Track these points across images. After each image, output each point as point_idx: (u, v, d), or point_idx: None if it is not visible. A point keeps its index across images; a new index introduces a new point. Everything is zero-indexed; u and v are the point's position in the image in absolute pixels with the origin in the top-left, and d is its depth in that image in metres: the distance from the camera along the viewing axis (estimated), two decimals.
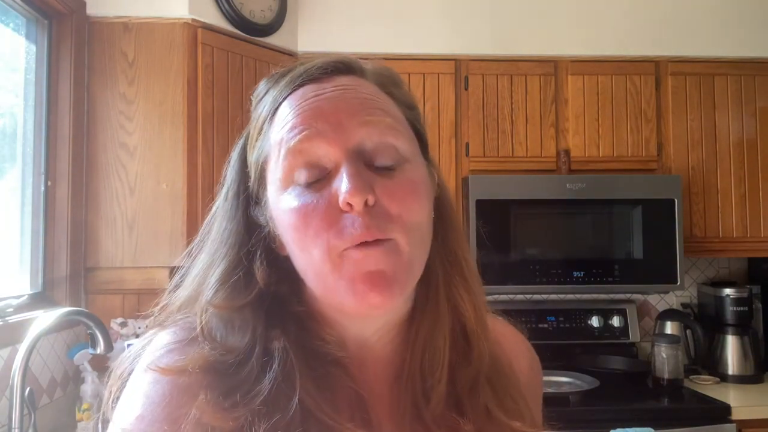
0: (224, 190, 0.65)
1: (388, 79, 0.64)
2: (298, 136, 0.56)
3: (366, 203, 0.53)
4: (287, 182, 0.57)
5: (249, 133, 0.64)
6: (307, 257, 0.56)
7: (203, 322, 0.59)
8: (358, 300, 0.54)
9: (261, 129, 0.61)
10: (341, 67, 0.61)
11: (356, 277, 0.54)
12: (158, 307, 0.64)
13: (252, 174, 0.62)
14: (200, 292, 0.61)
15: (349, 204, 0.53)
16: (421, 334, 0.62)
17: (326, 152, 0.56)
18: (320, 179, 0.56)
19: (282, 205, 0.57)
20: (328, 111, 0.57)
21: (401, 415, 0.60)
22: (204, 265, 0.62)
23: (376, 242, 0.54)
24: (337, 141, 0.56)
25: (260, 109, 0.62)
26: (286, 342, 0.57)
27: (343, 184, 0.54)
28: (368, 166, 0.57)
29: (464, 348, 0.63)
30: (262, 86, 0.64)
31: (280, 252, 0.61)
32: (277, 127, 0.59)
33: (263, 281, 0.59)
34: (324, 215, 0.54)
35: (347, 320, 0.61)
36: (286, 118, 0.58)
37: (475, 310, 0.63)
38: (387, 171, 0.57)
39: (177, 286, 0.64)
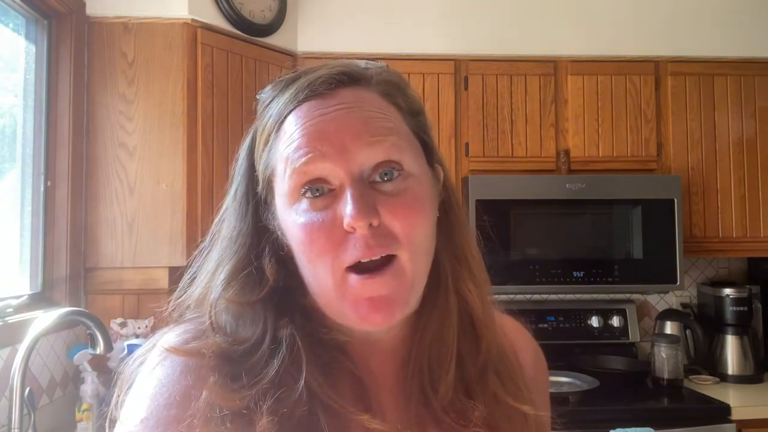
0: (233, 189, 0.66)
1: (394, 86, 0.64)
2: (303, 159, 0.57)
3: (370, 225, 0.55)
4: (293, 198, 0.58)
5: (255, 135, 0.64)
6: (313, 271, 0.58)
7: (213, 317, 0.61)
8: (360, 320, 0.57)
9: (267, 140, 0.62)
10: (345, 79, 0.61)
11: (359, 300, 0.56)
12: (171, 305, 0.65)
13: (260, 182, 0.63)
14: (209, 290, 0.62)
15: (353, 227, 0.55)
16: (429, 327, 0.63)
17: (331, 172, 0.57)
18: (326, 196, 0.57)
19: (289, 219, 0.59)
20: (333, 133, 0.57)
21: (407, 402, 0.61)
22: (214, 263, 0.63)
23: (379, 271, 0.56)
24: (341, 163, 0.57)
25: (266, 117, 0.63)
26: (294, 329, 0.59)
27: (347, 207, 0.55)
28: (373, 185, 0.58)
29: (473, 338, 0.64)
30: (267, 93, 0.64)
31: (288, 254, 0.62)
32: (283, 142, 0.59)
33: (273, 278, 0.61)
34: (329, 235, 0.56)
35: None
36: (292, 136, 0.59)
37: (482, 301, 0.65)
38: (392, 189, 0.58)
39: (190, 283, 0.65)
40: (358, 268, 0.56)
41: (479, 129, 2.41)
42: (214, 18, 2.10)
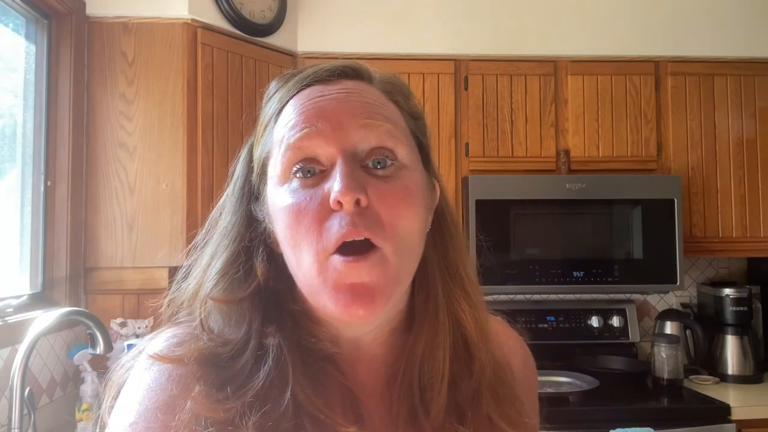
0: (232, 183, 0.66)
1: (396, 87, 0.65)
2: (299, 134, 0.57)
3: (358, 204, 0.54)
4: (284, 177, 0.58)
5: (257, 127, 0.65)
6: (298, 256, 0.57)
7: (203, 314, 0.60)
8: (340, 309, 0.55)
9: (266, 127, 0.63)
10: (349, 72, 0.62)
11: (339, 286, 0.55)
12: (167, 299, 0.65)
13: (255, 169, 0.64)
14: (202, 284, 0.62)
15: (339, 203, 0.54)
16: (419, 344, 0.62)
17: (323, 150, 0.57)
18: (316, 176, 0.57)
19: (277, 201, 0.58)
20: (330, 111, 0.58)
21: (395, 420, 0.60)
22: (207, 258, 0.64)
23: (363, 256, 0.54)
24: (334, 140, 0.57)
25: (268, 108, 0.64)
26: (281, 338, 0.58)
27: (335, 183, 0.54)
28: (365, 169, 0.57)
29: (466, 359, 0.63)
30: (272, 86, 0.66)
31: (275, 249, 0.61)
32: (281, 125, 0.60)
33: (262, 276, 0.61)
34: (315, 213, 0.55)
35: (337, 322, 0.61)
36: (289, 116, 0.59)
37: (476, 322, 0.64)
38: (383, 175, 0.57)
39: (185, 277, 0.65)
40: (342, 250, 0.55)
41: (479, 129, 2.41)
42: (214, 18, 2.10)
